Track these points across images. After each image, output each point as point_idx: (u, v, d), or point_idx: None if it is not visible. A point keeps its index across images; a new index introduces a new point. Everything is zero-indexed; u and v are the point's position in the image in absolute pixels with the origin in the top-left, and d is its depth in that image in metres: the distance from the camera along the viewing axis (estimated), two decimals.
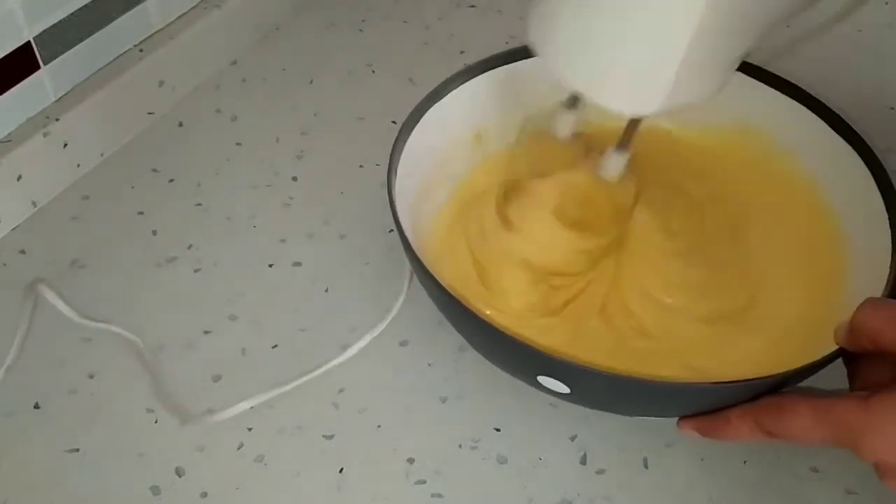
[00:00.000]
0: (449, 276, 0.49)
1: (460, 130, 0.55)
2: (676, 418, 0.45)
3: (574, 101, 0.48)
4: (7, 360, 0.52)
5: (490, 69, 0.55)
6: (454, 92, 0.54)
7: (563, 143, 0.50)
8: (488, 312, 0.49)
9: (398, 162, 0.50)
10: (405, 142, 0.51)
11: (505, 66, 0.55)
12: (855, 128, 0.51)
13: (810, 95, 0.53)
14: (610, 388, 0.43)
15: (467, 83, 0.54)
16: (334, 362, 0.52)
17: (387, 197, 0.48)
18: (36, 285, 0.55)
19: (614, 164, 0.48)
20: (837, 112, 0.52)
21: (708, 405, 0.43)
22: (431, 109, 0.53)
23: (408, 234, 0.47)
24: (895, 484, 0.39)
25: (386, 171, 0.49)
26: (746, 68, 0.54)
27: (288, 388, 0.51)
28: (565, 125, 0.49)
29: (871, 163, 0.50)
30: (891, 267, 0.45)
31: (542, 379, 0.44)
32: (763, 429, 0.41)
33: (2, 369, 0.51)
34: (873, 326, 0.40)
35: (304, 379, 0.52)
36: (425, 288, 0.47)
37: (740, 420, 0.42)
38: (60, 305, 0.54)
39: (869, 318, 0.40)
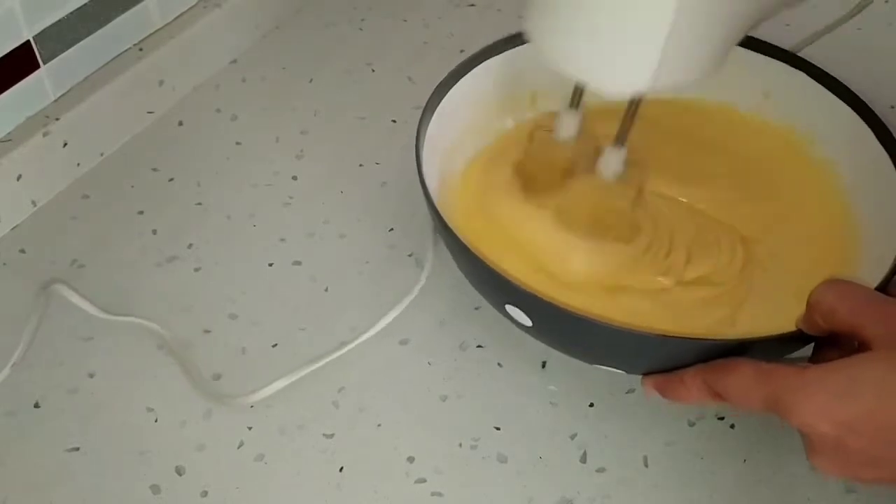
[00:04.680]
0: (463, 215, 0.52)
1: (514, 88, 0.57)
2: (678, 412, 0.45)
3: (575, 101, 0.49)
4: (13, 357, 0.52)
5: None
6: (504, 54, 0.55)
7: (567, 144, 0.50)
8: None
9: (435, 107, 0.52)
10: (443, 95, 0.53)
11: None
12: (877, 112, 0.52)
13: (835, 79, 0.54)
14: (566, 324, 0.45)
15: (521, 47, 0.56)
16: (334, 361, 0.53)
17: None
18: (50, 284, 0.55)
19: (612, 161, 0.48)
20: (859, 95, 0.52)
21: (658, 359, 0.45)
22: (480, 66, 0.55)
23: (426, 171, 0.48)
24: (818, 459, 0.39)
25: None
26: (774, 51, 0.55)
27: (288, 387, 0.51)
28: (568, 126, 0.50)
29: (890, 148, 0.50)
30: None
31: (509, 308, 0.46)
32: (710, 388, 0.42)
33: (7, 367, 0.52)
34: (827, 303, 0.41)
35: (304, 378, 0.52)
36: (430, 213, 0.48)
37: (692, 380, 0.43)
38: (77, 300, 0.55)
39: (822, 296, 0.41)
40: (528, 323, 0.46)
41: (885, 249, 0.47)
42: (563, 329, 0.46)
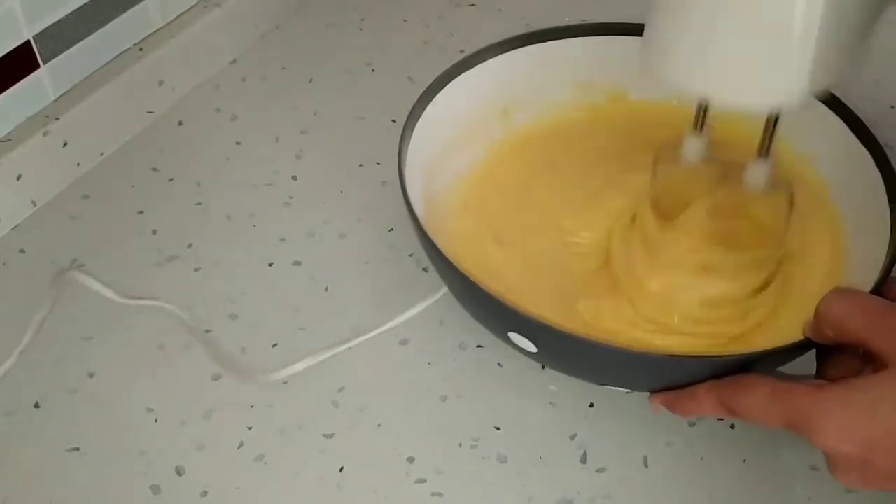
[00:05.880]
0: (455, 239, 0.51)
1: (489, 101, 0.56)
2: (678, 416, 0.45)
3: (700, 123, 0.47)
4: (13, 356, 0.52)
5: (524, 45, 0.56)
6: (485, 63, 0.55)
7: (696, 168, 0.49)
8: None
9: (415, 123, 0.52)
10: (424, 108, 0.53)
11: (540, 44, 0.56)
12: (866, 123, 0.51)
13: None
14: (571, 349, 0.44)
15: (499, 56, 0.56)
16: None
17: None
18: (51, 283, 0.55)
19: (759, 173, 0.47)
20: (849, 106, 0.52)
21: (670, 378, 0.44)
22: (459, 77, 0.55)
23: (411, 191, 0.49)
24: (842, 476, 0.39)
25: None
26: None
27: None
28: (695, 150, 0.48)
29: (881, 163, 0.50)
30: (886, 257, 0.45)
31: (512, 336, 0.46)
32: (725, 405, 0.42)
33: (7, 365, 0.52)
34: (836, 314, 0.40)
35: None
36: (420, 242, 0.48)
37: (705, 395, 0.43)
38: (97, 286, 0.55)
39: (832, 306, 0.41)
40: (533, 349, 0.46)
41: (875, 250, 0.47)
42: (569, 353, 0.45)
